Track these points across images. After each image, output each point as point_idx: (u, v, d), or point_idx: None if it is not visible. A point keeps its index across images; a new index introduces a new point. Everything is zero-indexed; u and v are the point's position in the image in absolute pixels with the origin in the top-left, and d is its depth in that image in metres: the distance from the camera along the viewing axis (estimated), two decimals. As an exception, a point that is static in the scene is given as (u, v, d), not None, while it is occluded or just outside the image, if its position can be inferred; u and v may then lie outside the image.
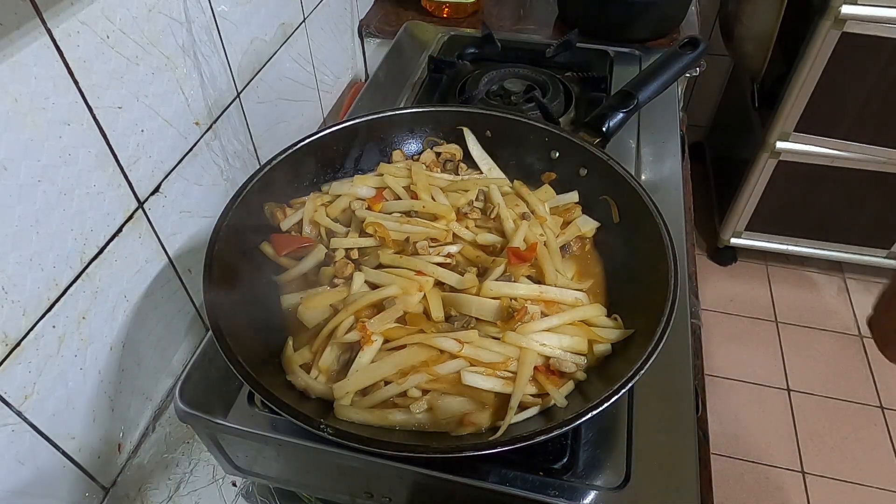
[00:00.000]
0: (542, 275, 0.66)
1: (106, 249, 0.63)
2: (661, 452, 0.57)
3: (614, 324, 0.62)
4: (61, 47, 0.53)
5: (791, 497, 1.54)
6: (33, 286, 0.54)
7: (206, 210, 0.80)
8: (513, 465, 0.55)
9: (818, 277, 2.06)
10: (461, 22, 1.31)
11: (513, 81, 1.03)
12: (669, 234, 0.62)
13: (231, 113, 0.83)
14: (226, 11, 0.78)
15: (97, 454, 0.66)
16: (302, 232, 0.71)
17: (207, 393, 0.60)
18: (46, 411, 0.58)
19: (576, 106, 1.00)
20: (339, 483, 0.64)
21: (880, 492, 1.54)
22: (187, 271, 0.78)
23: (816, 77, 1.50)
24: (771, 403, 1.72)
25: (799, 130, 1.62)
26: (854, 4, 1.36)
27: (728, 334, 1.91)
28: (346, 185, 0.75)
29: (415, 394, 0.57)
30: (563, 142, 0.76)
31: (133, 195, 0.66)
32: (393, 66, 1.16)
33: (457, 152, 0.82)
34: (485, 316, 0.62)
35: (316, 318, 0.63)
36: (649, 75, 0.82)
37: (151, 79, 0.66)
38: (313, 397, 0.57)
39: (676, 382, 0.63)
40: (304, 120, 1.09)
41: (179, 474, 0.71)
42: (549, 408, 0.56)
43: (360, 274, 0.65)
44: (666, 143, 0.95)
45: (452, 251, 0.68)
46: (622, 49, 1.19)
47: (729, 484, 1.56)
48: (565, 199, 0.76)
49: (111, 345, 0.66)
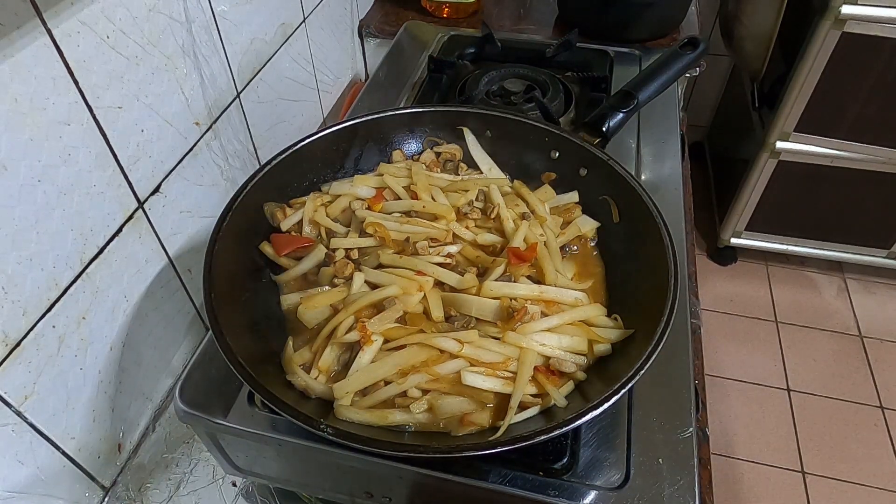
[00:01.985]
0: (542, 275, 0.66)
1: (106, 249, 0.63)
2: (661, 452, 0.57)
3: (614, 324, 0.62)
4: (61, 47, 0.53)
5: (791, 497, 1.54)
6: (33, 286, 0.54)
7: (206, 210, 0.80)
8: (513, 465, 0.55)
9: (818, 277, 2.06)
10: (461, 22, 1.31)
11: (513, 81, 1.03)
12: (669, 234, 0.62)
13: (231, 113, 0.83)
14: (226, 11, 0.78)
15: (97, 454, 0.66)
16: (302, 232, 0.71)
17: (207, 393, 0.60)
18: (46, 411, 0.58)
19: (576, 106, 1.00)
20: (339, 483, 0.64)
21: (880, 492, 1.53)
22: (187, 271, 0.78)
23: (816, 77, 1.50)
24: (771, 403, 1.72)
25: (799, 130, 1.62)
26: (854, 4, 1.36)
27: (728, 334, 1.90)
28: (346, 185, 0.75)
29: (415, 394, 0.57)
30: (563, 142, 0.76)
31: (133, 195, 0.66)
32: (393, 66, 1.16)
33: (457, 152, 0.82)
34: (485, 316, 0.62)
35: (316, 318, 0.63)
36: (649, 75, 0.82)
37: (151, 79, 0.66)
38: (313, 397, 0.57)
39: (676, 382, 0.63)
40: (304, 120, 1.09)
41: (179, 474, 0.71)
42: (549, 408, 0.56)
43: (360, 274, 0.65)
44: (666, 143, 0.95)
45: (452, 251, 0.68)
46: (622, 49, 1.19)
47: (729, 484, 1.56)
48: (565, 199, 0.76)
49: (111, 345, 0.66)
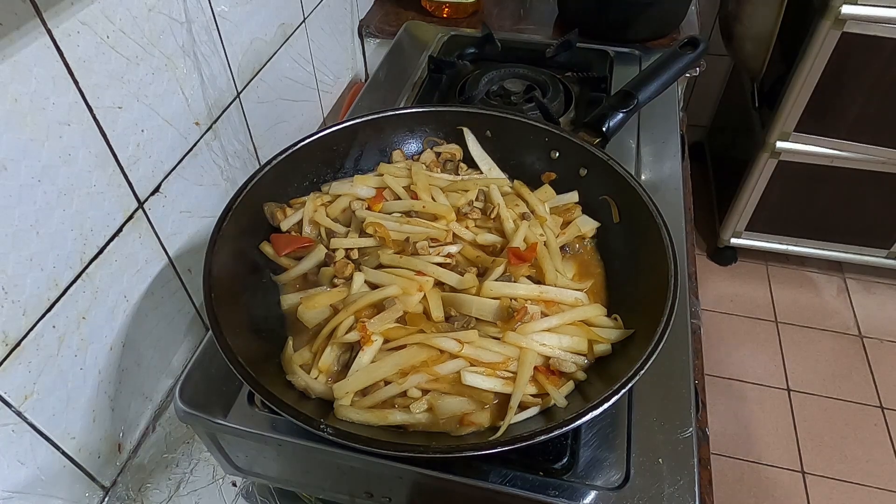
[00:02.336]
0: (542, 275, 0.66)
1: (106, 249, 0.63)
2: (661, 452, 0.57)
3: (614, 324, 0.62)
4: (61, 47, 0.53)
5: (791, 497, 1.54)
6: (33, 286, 0.54)
7: (206, 210, 0.80)
8: (513, 465, 0.55)
9: (818, 277, 2.06)
10: (461, 22, 1.31)
11: (513, 81, 1.03)
12: (669, 234, 0.62)
13: (231, 113, 0.83)
14: (226, 11, 0.78)
15: (97, 454, 0.66)
16: (302, 232, 0.71)
17: (207, 393, 0.60)
18: (46, 411, 0.58)
19: (576, 106, 1.00)
20: (339, 483, 0.64)
21: (880, 492, 1.53)
22: (187, 271, 0.78)
23: (816, 77, 1.50)
24: (771, 403, 1.72)
25: (799, 130, 1.62)
26: (854, 4, 1.36)
27: (728, 334, 1.90)
28: (346, 185, 0.75)
29: (415, 394, 0.57)
30: (563, 142, 0.76)
31: (133, 195, 0.66)
32: (393, 66, 1.16)
33: (457, 152, 0.81)
34: (485, 316, 0.62)
35: (316, 318, 0.63)
36: (649, 75, 0.82)
37: (151, 79, 0.66)
38: (313, 397, 0.57)
39: (676, 382, 0.63)
40: (304, 120, 1.09)
41: (179, 474, 0.71)
42: (549, 408, 0.56)
43: (360, 274, 0.65)
44: (666, 143, 0.95)
45: (452, 251, 0.68)
46: (622, 49, 1.19)
47: (729, 484, 1.56)
48: (565, 199, 0.76)
49: (111, 345, 0.66)
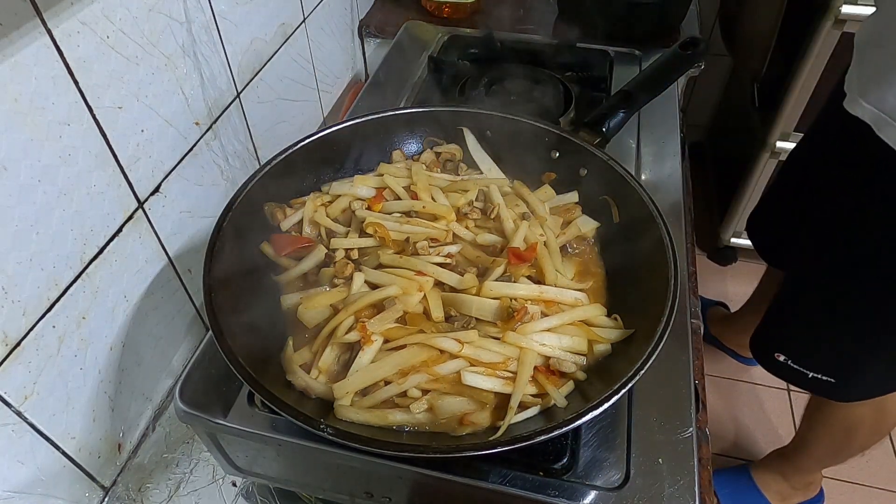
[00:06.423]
0: (542, 275, 0.66)
1: (106, 249, 0.63)
2: (661, 452, 0.57)
3: (614, 324, 0.62)
4: (61, 47, 0.53)
5: (791, 497, 1.53)
6: (33, 286, 0.54)
7: (206, 210, 0.80)
8: (513, 465, 0.55)
9: (818, 277, 2.06)
10: (461, 22, 1.31)
11: (513, 81, 1.03)
12: (669, 234, 0.62)
13: (231, 113, 0.83)
14: (226, 11, 0.78)
15: (97, 454, 0.66)
16: (302, 232, 0.71)
17: (207, 393, 0.60)
18: (46, 411, 0.58)
19: (576, 106, 1.00)
20: (339, 483, 0.64)
21: (880, 492, 1.53)
22: (187, 271, 0.78)
23: (816, 77, 1.50)
24: (771, 403, 1.72)
25: (799, 130, 1.62)
26: (854, 4, 1.36)
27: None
28: (346, 185, 0.75)
29: (415, 394, 0.57)
30: (563, 142, 0.76)
31: (133, 195, 0.66)
32: (393, 66, 1.16)
33: (457, 152, 0.82)
34: (485, 316, 0.62)
35: (316, 318, 0.63)
36: (649, 75, 0.82)
37: (151, 79, 0.66)
38: (313, 397, 0.57)
39: (676, 382, 0.63)
40: (304, 120, 1.09)
41: (179, 474, 0.71)
42: (549, 408, 0.56)
43: (360, 274, 0.65)
44: (666, 143, 0.95)
45: (452, 251, 0.68)
46: (622, 49, 1.19)
47: (729, 484, 1.56)
48: (565, 199, 0.76)
49: (111, 345, 0.66)
